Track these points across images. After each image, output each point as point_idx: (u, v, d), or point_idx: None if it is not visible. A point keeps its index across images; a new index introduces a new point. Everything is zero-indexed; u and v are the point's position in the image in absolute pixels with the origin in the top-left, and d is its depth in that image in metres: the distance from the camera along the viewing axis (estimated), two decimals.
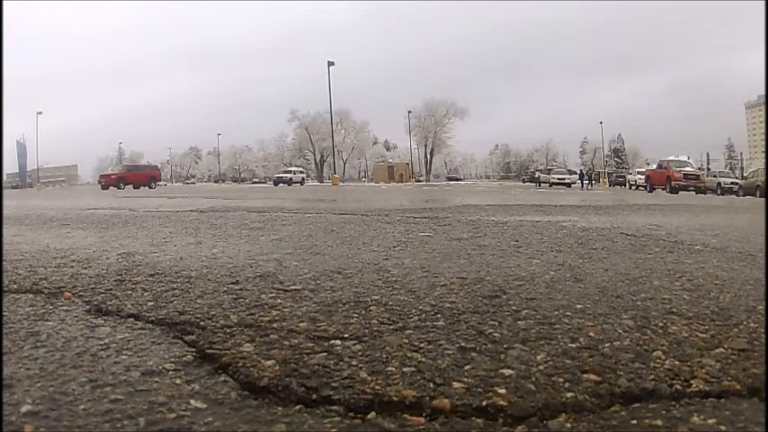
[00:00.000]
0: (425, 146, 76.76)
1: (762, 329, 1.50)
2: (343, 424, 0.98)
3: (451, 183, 57.76)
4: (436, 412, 1.02)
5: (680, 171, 26.47)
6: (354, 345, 1.35)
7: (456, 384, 1.12)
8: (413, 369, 1.20)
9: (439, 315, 1.62)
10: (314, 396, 1.07)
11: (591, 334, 1.45)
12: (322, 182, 60.20)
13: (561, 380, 1.15)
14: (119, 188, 27.68)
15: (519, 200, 10.46)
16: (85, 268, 2.32)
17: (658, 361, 1.26)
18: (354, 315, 1.61)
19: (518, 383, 1.13)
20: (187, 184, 74.69)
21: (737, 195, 23.48)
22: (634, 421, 0.99)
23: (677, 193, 23.53)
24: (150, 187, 30.04)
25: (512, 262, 2.58)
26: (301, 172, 48.37)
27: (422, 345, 1.35)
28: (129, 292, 1.88)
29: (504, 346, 1.35)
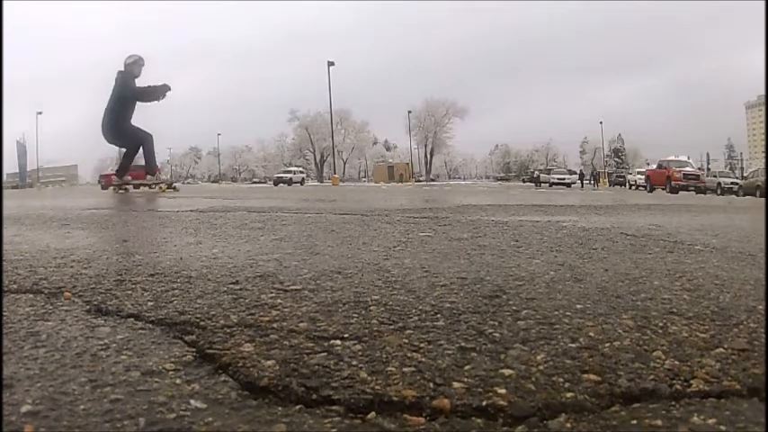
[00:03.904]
0: (425, 146, 76.73)
1: (762, 329, 1.50)
2: (343, 424, 0.98)
3: (500, 182, 59.48)
4: (436, 412, 1.02)
5: (680, 171, 26.51)
6: (354, 345, 1.35)
7: (456, 384, 1.12)
8: (413, 369, 1.20)
9: (439, 315, 1.61)
10: (314, 396, 1.07)
11: (591, 334, 1.45)
12: (322, 182, 60.16)
13: (561, 380, 1.15)
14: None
15: (519, 200, 10.45)
16: (85, 268, 2.32)
17: (658, 361, 1.26)
18: (354, 315, 1.61)
19: (518, 383, 1.13)
20: (185, 184, 74.83)
21: (737, 195, 23.47)
22: (634, 421, 0.99)
23: (677, 193, 23.53)
24: (150, 187, 29.97)
25: (512, 262, 2.58)
26: (301, 172, 48.51)
27: (422, 345, 1.35)
28: (129, 291, 1.88)
29: (504, 346, 1.35)
